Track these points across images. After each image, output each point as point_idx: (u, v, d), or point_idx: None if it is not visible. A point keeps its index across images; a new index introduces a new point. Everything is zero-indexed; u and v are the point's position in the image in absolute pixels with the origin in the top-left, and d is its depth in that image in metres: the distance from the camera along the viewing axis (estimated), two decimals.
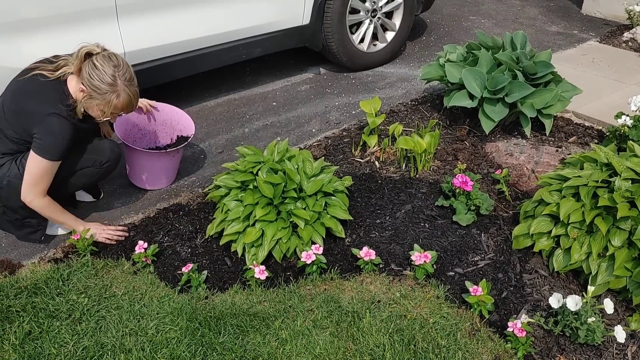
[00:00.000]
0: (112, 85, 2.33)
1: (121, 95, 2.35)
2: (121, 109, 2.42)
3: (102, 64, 2.31)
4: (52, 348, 2.06)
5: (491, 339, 2.11)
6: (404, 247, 2.56)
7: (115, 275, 2.42)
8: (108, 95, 2.34)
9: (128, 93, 2.37)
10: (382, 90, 4.19)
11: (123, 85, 2.35)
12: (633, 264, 2.16)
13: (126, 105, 2.41)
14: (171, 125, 3.14)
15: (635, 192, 2.20)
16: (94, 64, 2.31)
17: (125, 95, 2.37)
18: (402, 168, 3.13)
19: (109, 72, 2.31)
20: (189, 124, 3.10)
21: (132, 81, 2.39)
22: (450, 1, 6.17)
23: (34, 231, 2.61)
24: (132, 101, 2.41)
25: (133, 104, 2.44)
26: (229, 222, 2.48)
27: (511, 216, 2.74)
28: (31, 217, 2.55)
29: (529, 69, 3.27)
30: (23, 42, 2.83)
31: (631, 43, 4.88)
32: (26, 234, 2.62)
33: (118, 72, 2.33)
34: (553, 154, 3.09)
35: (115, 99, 2.35)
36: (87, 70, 2.31)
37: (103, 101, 2.35)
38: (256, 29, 3.75)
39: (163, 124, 3.13)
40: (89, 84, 2.32)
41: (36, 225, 2.60)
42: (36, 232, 2.61)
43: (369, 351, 2.04)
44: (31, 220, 2.56)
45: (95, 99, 2.35)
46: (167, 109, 3.12)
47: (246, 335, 2.12)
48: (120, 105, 2.38)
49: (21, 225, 2.58)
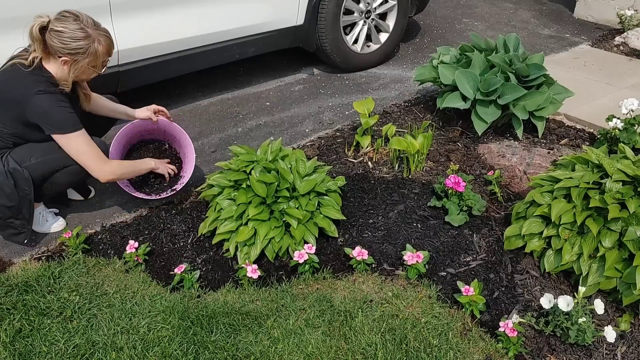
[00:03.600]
0: (87, 37, 2.30)
1: (101, 40, 2.35)
2: (108, 52, 2.41)
3: (64, 26, 2.27)
4: (42, 346, 2.04)
5: (482, 339, 2.12)
6: (397, 247, 2.57)
7: (107, 273, 2.41)
8: (91, 47, 2.32)
9: (104, 35, 2.37)
10: (376, 91, 4.20)
11: (96, 31, 2.33)
12: (623, 265, 2.17)
13: (109, 45, 2.41)
14: (180, 142, 3.00)
15: (626, 193, 2.22)
16: (56, 31, 2.26)
17: (103, 37, 2.36)
18: (395, 168, 3.14)
19: (76, 28, 2.28)
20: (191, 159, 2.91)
21: (97, 24, 2.37)
22: (443, 3, 6.19)
23: (17, 233, 2.55)
24: (111, 40, 2.42)
25: (112, 41, 2.44)
26: (221, 221, 2.48)
27: (503, 217, 2.75)
28: (14, 218, 2.49)
29: (521, 72, 3.29)
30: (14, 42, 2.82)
31: (622, 47, 4.92)
32: (9, 235, 2.57)
33: (82, 23, 2.30)
34: (545, 156, 3.11)
35: (99, 46, 2.34)
36: (55, 40, 2.27)
37: (90, 56, 2.33)
38: (250, 28, 3.75)
39: (172, 137, 3.03)
40: (67, 50, 2.29)
41: (20, 227, 2.54)
42: (19, 235, 2.55)
43: (361, 350, 2.04)
44: (14, 221, 2.51)
45: (82, 60, 2.33)
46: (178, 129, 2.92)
47: (238, 333, 2.12)
48: (105, 49, 2.38)
49: (5, 226, 2.53)
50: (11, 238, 2.59)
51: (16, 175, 2.41)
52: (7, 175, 2.39)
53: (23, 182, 2.42)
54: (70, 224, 2.76)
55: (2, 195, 2.41)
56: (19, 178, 2.41)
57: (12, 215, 2.48)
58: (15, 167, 2.41)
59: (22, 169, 2.41)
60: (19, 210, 2.47)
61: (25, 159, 2.42)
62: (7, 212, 2.47)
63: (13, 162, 2.41)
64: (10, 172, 2.40)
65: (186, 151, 2.95)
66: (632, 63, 4.58)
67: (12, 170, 2.40)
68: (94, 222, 2.78)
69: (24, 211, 2.49)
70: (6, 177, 2.39)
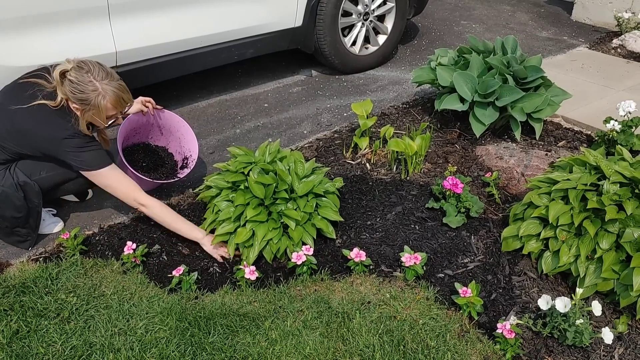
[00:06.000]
0: (94, 91, 2.29)
1: (107, 95, 2.32)
2: (114, 107, 2.37)
3: (76, 76, 2.28)
4: (40, 347, 2.04)
5: (480, 340, 2.12)
6: (394, 248, 2.57)
7: (105, 274, 2.41)
8: (95, 100, 2.30)
9: (112, 89, 2.32)
10: (374, 93, 4.21)
11: (103, 85, 2.31)
12: (620, 267, 2.18)
13: (117, 102, 2.36)
14: (170, 130, 3.09)
15: (623, 195, 2.22)
16: (70, 80, 2.29)
17: (110, 92, 2.32)
18: (393, 170, 3.14)
19: (85, 81, 2.28)
20: (190, 136, 3.04)
21: (110, 77, 2.34)
22: (442, 6, 6.21)
23: (23, 240, 2.58)
24: (120, 95, 2.36)
25: (123, 98, 2.38)
26: (219, 223, 2.48)
27: (501, 219, 2.75)
28: (21, 227, 2.52)
29: (519, 74, 3.29)
30: (13, 41, 2.82)
31: (620, 49, 4.93)
32: (14, 242, 2.59)
33: (93, 76, 2.30)
34: (542, 158, 3.11)
35: (103, 100, 2.32)
36: (69, 89, 2.29)
37: (94, 108, 2.32)
38: (248, 30, 3.75)
39: (161, 128, 3.08)
40: (76, 100, 2.31)
41: (25, 235, 2.56)
42: (24, 242, 2.58)
43: (358, 352, 2.04)
44: (21, 230, 2.54)
45: (88, 111, 2.33)
46: (168, 115, 3.04)
47: (236, 335, 2.11)
48: (111, 104, 2.34)
49: (10, 233, 2.55)
50: (15, 244, 2.60)
51: (26, 188, 2.44)
52: (17, 187, 2.42)
53: (33, 195, 2.46)
54: (68, 225, 2.76)
55: (11, 207, 2.43)
56: (29, 191, 2.44)
57: (19, 224, 2.51)
58: (25, 180, 2.43)
59: (32, 182, 2.44)
60: (27, 219, 2.51)
61: (35, 172, 2.45)
62: (15, 222, 2.49)
63: (22, 175, 2.43)
64: (21, 185, 2.43)
65: (182, 134, 3.03)
66: (629, 65, 4.59)
67: (23, 184, 2.43)
68: (92, 223, 2.78)
69: (30, 221, 2.53)
70: (16, 189, 2.42)
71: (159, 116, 3.03)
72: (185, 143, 3.08)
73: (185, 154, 3.08)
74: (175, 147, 3.13)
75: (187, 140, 3.07)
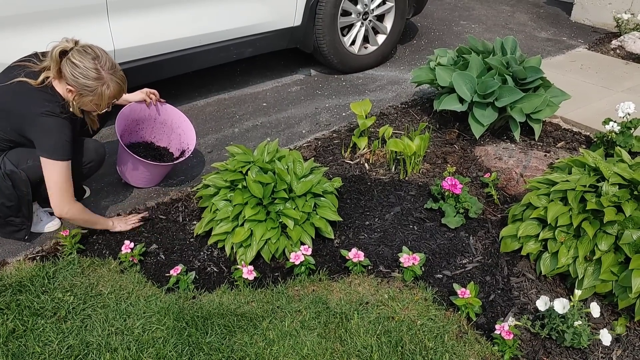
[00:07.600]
0: (98, 79, 2.30)
1: (111, 85, 2.34)
2: (114, 97, 2.41)
3: (81, 60, 2.27)
4: (36, 346, 2.03)
5: (478, 342, 2.11)
6: (393, 249, 2.56)
7: (102, 273, 2.40)
8: (98, 89, 2.31)
9: (116, 81, 2.35)
10: (373, 92, 4.20)
11: (109, 75, 2.32)
12: (619, 269, 2.17)
13: (118, 92, 2.40)
14: (171, 126, 3.12)
15: (622, 196, 2.22)
16: (72, 62, 2.27)
17: (114, 84, 2.35)
18: (392, 170, 3.13)
19: (91, 67, 2.28)
20: (190, 131, 3.09)
21: (115, 68, 2.36)
22: (441, 6, 6.20)
23: (18, 230, 2.57)
24: (122, 87, 2.40)
25: (123, 89, 2.42)
26: (217, 222, 2.47)
27: (499, 219, 2.75)
28: (14, 216, 2.51)
29: (518, 74, 3.29)
30: (10, 39, 2.81)
31: (619, 50, 4.93)
32: (9, 232, 2.58)
33: (99, 64, 2.29)
34: (541, 159, 3.11)
35: (107, 90, 2.33)
36: (69, 70, 2.27)
37: (95, 96, 2.33)
38: (247, 29, 3.74)
39: (163, 124, 3.11)
40: (75, 83, 2.29)
41: (19, 224, 2.55)
42: (20, 231, 2.57)
43: (356, 352, 2.03)
44: (14, 219, 2.52)
45: (86, 96, 2.33)
46: (170, 109, 3.10)
47: (233, 335, 2.11)
48: (112, 94, 2.37)
49: (4, 224, 2.54)
50: (11, 235, 2.59)
51: (14, 177, 2.41)
52: (4, 177, 2.40)
53: (21, 183, 2.43)
54: (65, 224, 2.75)
55: (1, 195, 2.41)
56: (17, 179, 2.42)
57: (11, 214, 2.49)
58: (12, 169, 2.41)
59: (19, 171, 2.41)
60: (19, 208, 2.49)
61: (22, 161, 2.42)
62: (6, 211, 2.47)
63: (10, 164, 2.41)
64: (8, 174, 2.41)
65: (183, 131, 3.10)
66: (628, 66, 4.59)
67: (10, 172, 2.41)
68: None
69: (23, 209, 2.50)
70: (4, 178, 2.40)
71: (161, 111, 3.06)
72: (185, 138, 3.11)
73: (184, 148, 3.12)
74: (176, 145, 3.15)
75: (187, 136, 3.10)
